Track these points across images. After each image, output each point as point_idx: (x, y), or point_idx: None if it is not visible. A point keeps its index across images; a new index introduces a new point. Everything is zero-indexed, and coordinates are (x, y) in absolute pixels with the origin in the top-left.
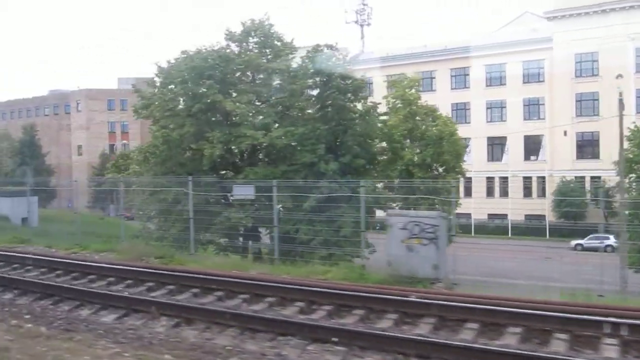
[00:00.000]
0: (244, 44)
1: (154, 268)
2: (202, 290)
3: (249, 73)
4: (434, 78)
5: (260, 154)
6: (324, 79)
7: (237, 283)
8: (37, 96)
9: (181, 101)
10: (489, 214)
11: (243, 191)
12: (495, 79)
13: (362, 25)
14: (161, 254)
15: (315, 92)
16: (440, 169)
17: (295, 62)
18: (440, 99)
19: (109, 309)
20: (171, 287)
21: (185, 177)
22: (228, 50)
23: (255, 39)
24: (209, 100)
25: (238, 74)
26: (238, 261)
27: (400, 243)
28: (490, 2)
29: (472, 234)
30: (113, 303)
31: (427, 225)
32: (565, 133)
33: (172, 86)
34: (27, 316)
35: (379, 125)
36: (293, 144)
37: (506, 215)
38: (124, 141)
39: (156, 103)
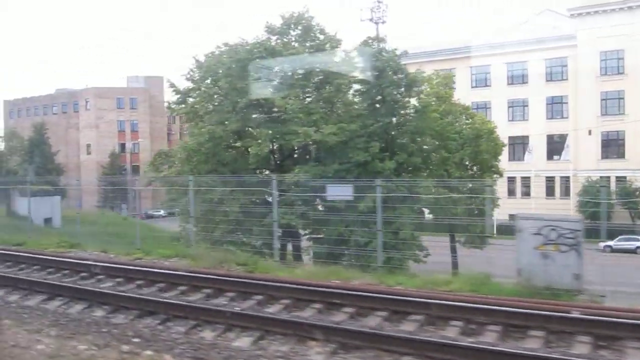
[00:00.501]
0: (285, 37)
1: (250, 278)
2: (326, 306)
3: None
4: (454, 76)
5: (309, 152)
6: (376, 73)
7: (371, 297)
8: (44, 94)
9: (218, 97)
10: (509, 214)
11: (339, 191)
12: (517, 77)
13: (377, 23)
14: (242, 260)
15: (360, 88)
16: (475, 168)
17: (338, 56)
18: (461, 97)
19: (236, 331)
20: (285, 301)
21: (253, 176)
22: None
23: (297, 32)
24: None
25: (284, 67)
26: (333, 269)
27: (534, 250)
28: (491, 2)
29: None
30: (241, 323)
31: (567, 230)
32: (589, 132)
33: (209, 81)
34: (135, 339)
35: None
36: (344, 141)
37: None
38: (135, 140)
39: (196, 99)
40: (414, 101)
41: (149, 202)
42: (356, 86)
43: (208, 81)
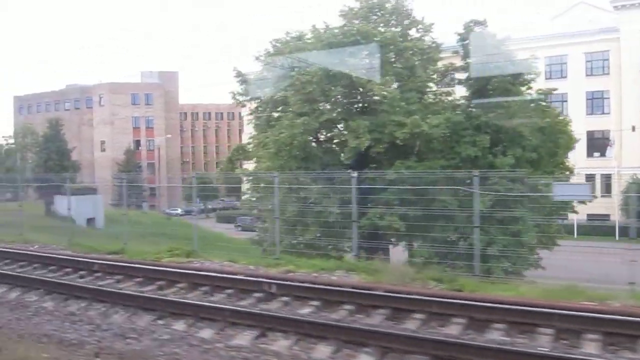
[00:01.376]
0: (367, 21)
1: (504, 302)
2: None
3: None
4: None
5: (409, 147)
6: (482, 61)
7: None
8: (55, 90)
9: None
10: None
11: (572, 191)
12: (556, 72)
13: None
14: (437, 276)
15: (457, 75)
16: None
17: (430, 41)
18: None
19: None
20: (593, 336)
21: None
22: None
23: (380, 16)
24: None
25: (377, 53)
26: (570, 287)
27: None
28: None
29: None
30: None
31: None
32: (633, 129)
33: (282, 68)
34: None
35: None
36: (448, 134)
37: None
38: (150, 137)
39: (277, 88)
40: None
41: (164, 200)
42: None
43: (287, 71)
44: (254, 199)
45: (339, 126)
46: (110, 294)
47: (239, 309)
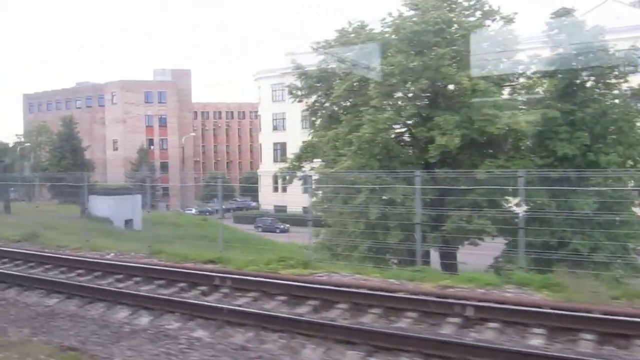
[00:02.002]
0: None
1: None
2: None
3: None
4: None
5: (500, 144)
6: (574, 52)
7: None
8: (67, 88)
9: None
10: None
11: None
12: None
13: None
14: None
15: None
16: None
17: (509, 32)
18: None
19: None
20: None
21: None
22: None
23: (456, 5)
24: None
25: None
26: None
27: None
28: None
29: None
30: None
31: None
32: None
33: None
34: None
35: None
36: (541, 131)
37: None
38: (164, 136)
39: (348, 82)
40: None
41: (177, 200)
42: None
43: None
44: (313, 199)
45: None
46: (284, 321)
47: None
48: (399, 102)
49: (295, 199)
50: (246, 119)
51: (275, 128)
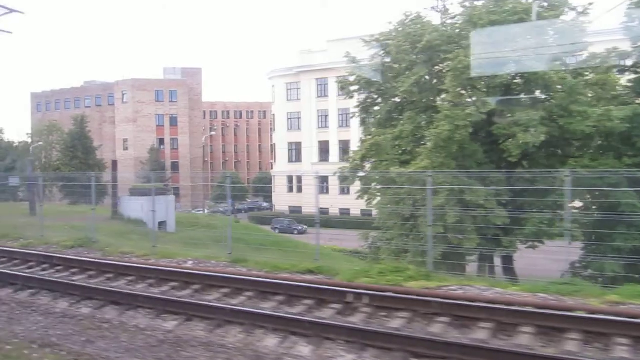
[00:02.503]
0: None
1: None
2: None
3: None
4: None
5: (585, 142)
6: None
7: None
8: (76, 87)
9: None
10: None
11: None
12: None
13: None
14: None
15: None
16: None
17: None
18: None
19: None
20: None
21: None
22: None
23: None
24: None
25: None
26: None
27: None
28: None
29: None
30: None
31: None
32: None
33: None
34: None
35: None
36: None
37: None
38: (174, 135)
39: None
40: None
41: (186, 200)
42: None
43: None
44: (370, 201)
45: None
46: (497, 355)
47: None
48: (472, 98)
49: (312, 200)
50: (254, 118)
51: (290, 127)
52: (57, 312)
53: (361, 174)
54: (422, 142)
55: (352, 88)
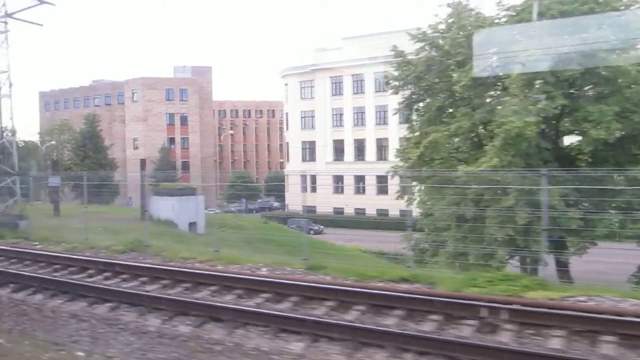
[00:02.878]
0: None
1: None
2: None
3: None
4: None
5: None
6: None
7: None
8: (84, 86)
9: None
10: None
11: None
12: None
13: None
14: None
15: None
16: None
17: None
18: None
19: None
20: None
21: None
22: None
23: None
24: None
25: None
26: None
27: None
28: None
29: None
30: None
31: None
32: None
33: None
34: None
35: None
36: None
37: None
38: (185, 135)
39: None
40: None
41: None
42: None
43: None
44: (424, 201)
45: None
46: None
47: None
48: (536, 94)
49: (328, 200)
50: (263, 117)
51: (303, 126)
52: (151, 330)
53: (421, 173)
54: (478, 139)
55: (396, 83)
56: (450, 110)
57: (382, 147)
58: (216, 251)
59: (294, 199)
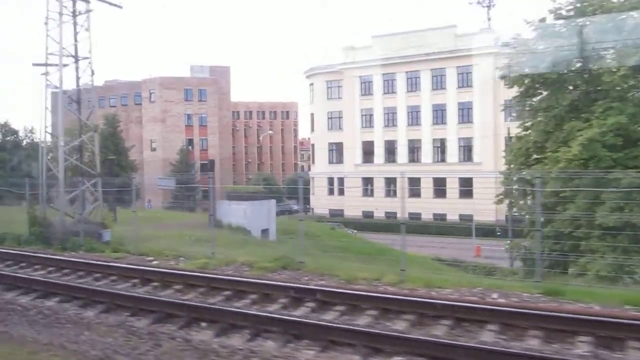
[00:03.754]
0: None
1: None
2: None
3: None
4: None
5: None
6: None
7: None
8: (98, 85)
9: None
10: None
11: None
12: None
13: (488, 7)
14: None
15: None
16: None
17: None
18: None
19: None
20: None
21: None
22: None
23: None
24: None
25: None
26: None
27: None
28: None
29: None
30: None
31: None
32: None
33: None
34: None
35: None
36: None
37: None
38: (204, 136)
39: None
40: None
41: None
42: None
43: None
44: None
45: None
46: None
47: None
48: None
49: (356, 203)
50: (277, 119)
51: (330, 127)
52: None
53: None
54: (629, 136)
55: (514, 75)
56: (587, 104)
57: (414, 148)
58: (402, 270)
59: (320, 202)
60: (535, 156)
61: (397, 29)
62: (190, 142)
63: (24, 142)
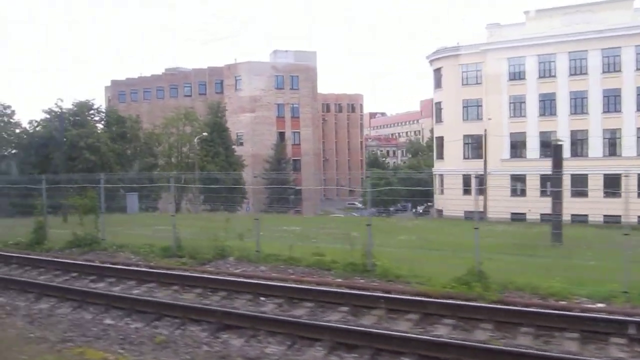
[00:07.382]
0: None
1: None
2: None
3: None
4: None
5: None
6: None
7: None
8: (156, 74)
9: None
10: None
11: None
12: None
13: None
14: None
15: None
16: None
17: None
18: None
19: None
20: None
21: None
22: None
23: None
24: None
25: None
26: None
27: None
28: None
29: None
30: None
31: None
32: None
33: None
34: None
35: None
36: None
37: None
38: (296, 129)
39: None
40: None
41: (309, 205)
42: None
43: None
44: None
45: None
46: None
47: None
48: None
49: (502, 204)
50: (356, 112)
51: (465, 117)
52: None
53: None
54: None
55: None
56: None
57: (578, 141)
58: None
59: (452, 203)
60: None
61: (554, 3)
62: (281, 135)
63: None
